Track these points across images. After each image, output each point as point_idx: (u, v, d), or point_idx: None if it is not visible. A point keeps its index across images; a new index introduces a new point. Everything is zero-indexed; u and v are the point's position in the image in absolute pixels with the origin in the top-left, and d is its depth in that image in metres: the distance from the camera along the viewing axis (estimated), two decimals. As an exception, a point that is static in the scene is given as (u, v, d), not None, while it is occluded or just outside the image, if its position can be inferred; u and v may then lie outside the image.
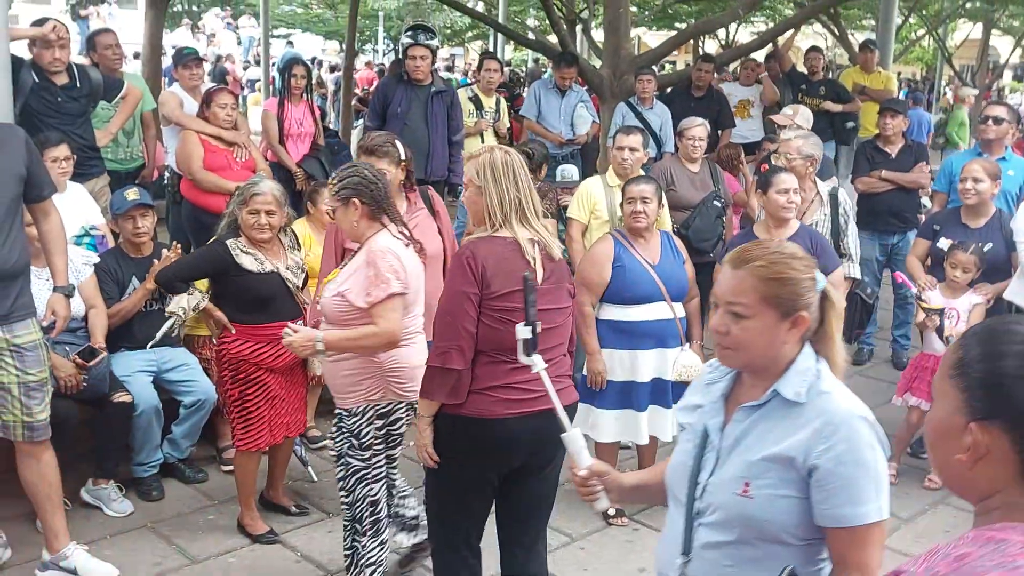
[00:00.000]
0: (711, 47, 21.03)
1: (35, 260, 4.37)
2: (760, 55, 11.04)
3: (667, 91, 9.76)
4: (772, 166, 5.36)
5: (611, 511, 4.67)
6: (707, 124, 6.65)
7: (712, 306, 2.14)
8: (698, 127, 6.40)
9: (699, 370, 4.58)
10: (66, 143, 5.34)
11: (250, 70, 24.06)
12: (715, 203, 6.17)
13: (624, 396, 4.74)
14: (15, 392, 3.88)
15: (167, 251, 4.94)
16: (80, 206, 5.43)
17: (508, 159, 3.33)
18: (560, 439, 3.63)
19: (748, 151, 8.50)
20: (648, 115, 8.44)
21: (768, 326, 2.05)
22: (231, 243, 4.41)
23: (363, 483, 3.85)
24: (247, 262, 4.39)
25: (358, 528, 3.87)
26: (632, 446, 5.03)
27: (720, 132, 9.04)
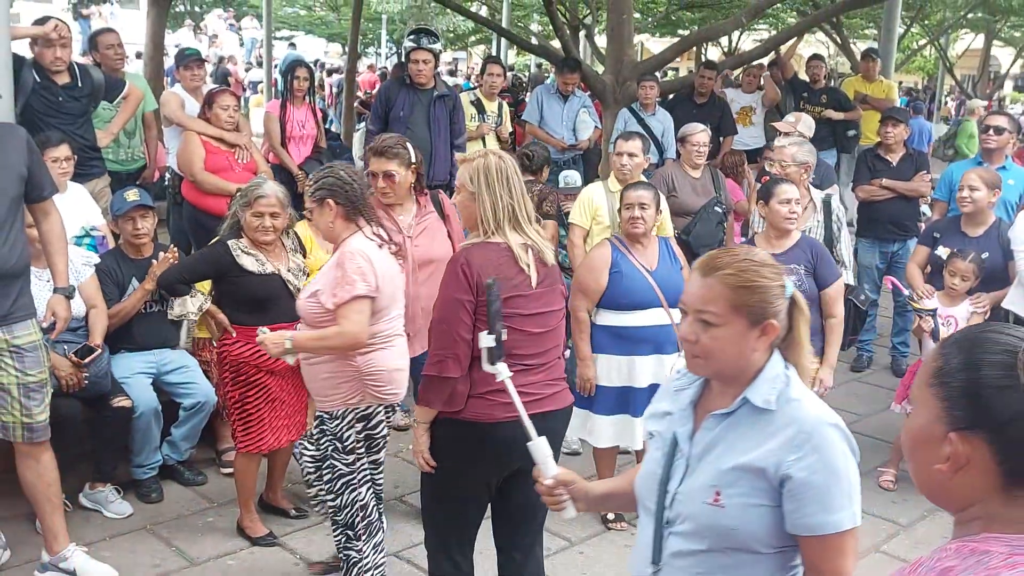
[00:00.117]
0: (714, 54, 21.03)
1: (36, 261, 4.36)
2: (763, 63, 11.06)
3: (669, 97, 9.79)
4: (772, 176, 5.36)
5: (610, 515, 4.68)
6: (708, 130, 6.66)
7: (681, 315, 2.11)
8: (700, 133, 6.41)
9: None
10: (67, 143, 5.33)
11: (252, 72, 24.06)
12: (716, 209, 6.18)
13: (621, 402, 4.74)
14: (15, 393, 3.88)
15: (163, 253, 4.93)
16: (81, 207, 5.42)
17: (502, 164, 3.32)
18: (558, 443, 3.63)
19: (750, 158, 8.53)
20: (650, 121, 8.45)
21: (738, 334, 2.03)
22: (232, 244, 4.41)
23: (350, 488, 3.82)
24: (248, 263, 4.39)
25: (350, 534, 3.84)
26: (632, 451, 5.03)
27: (722, 139, 9.06)
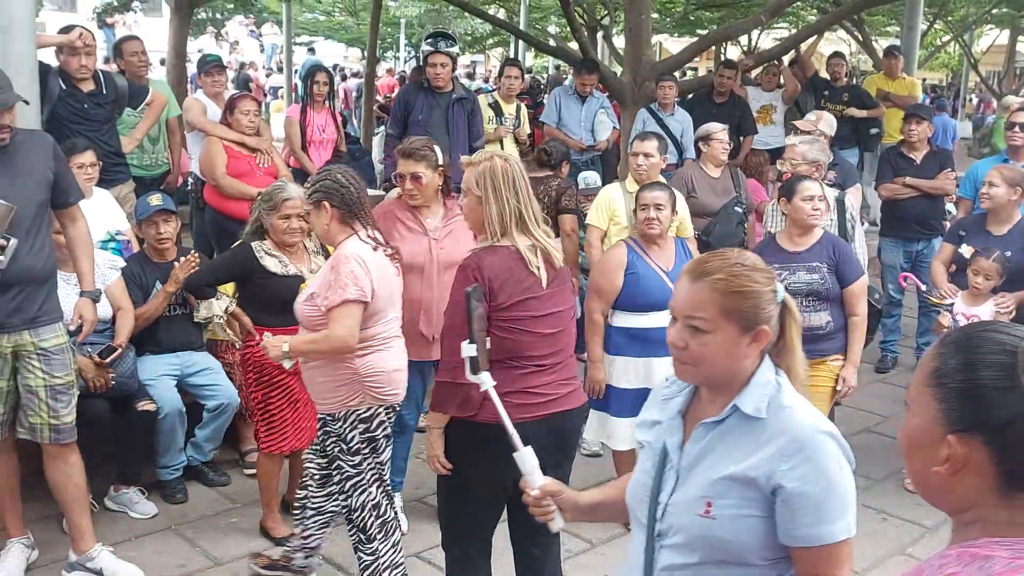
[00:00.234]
0: (733, 54, 20.96)
1: (64, 266, 4.41)
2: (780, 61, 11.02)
3: (688, 97, 9.76)
4: (794, 174, 5.33)
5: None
6: (727, 129, 6.64)
7: (671, 319, 2.06)
8: (723, 131, 6.41)
9: None
10: (92, 149, 5.39)
11: (273, 77, 24.21)
12: (736, 209, 6.17)
13: (639, 404, 4.66)
14: (42, 395, 3.92)
15: (184, 257, 4.94)
16: (106, 212, 5.48)
17: (508, 168, 3.32)
18: (574, 442, 3.59)
19: (771, 158, 8.49)
20: (669, 121, 8.44)
21: (728, 340, 1.97)
22: (256, 246, 4.46)
23: (359, 489, 3.79)
24: (271, 264, 4.43)
25: (363, 536, 3.82)
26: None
27: (742, 138, 9.03)
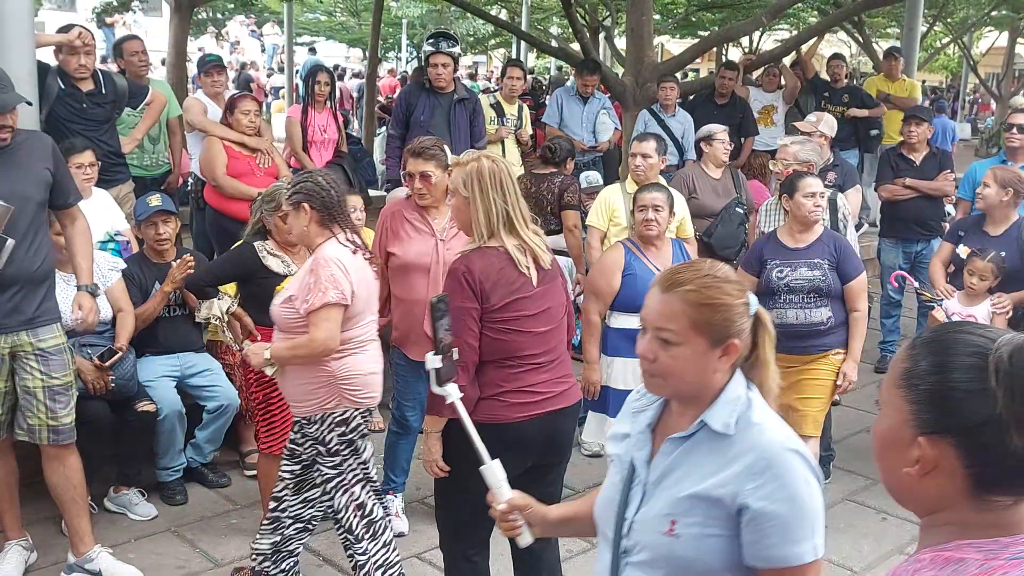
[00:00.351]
0: (734, 55, 20.97)
1: (63, 266, 4.41)
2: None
3: (690, 98, 9.76)
4: (796, 171, 5.32)
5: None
6: (728, 129, 6.65)
7: (640, 330, 2.01)
8: (723, 131, 6.42)
9: None
10: (91, 150, 5.37)
11: (274, 77, 24.22)
12: (737, 210, 6.17)
13: None
14: (40, 396, 3.92)
15: (178, 260, 4.94)
16: (105, 212, 5.47)
17: (495, 168, 3.31)
18: (569, 440, 3.59)
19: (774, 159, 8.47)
20: (670, 122, 8.44)
21: (698, 354, 1.92)
22: (259, 245, 4.46)
23: (341, 490, 3.77)
24: (274, 264, 4.44)
25: (350, 537, 3.80)
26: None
27: (743, 140, 9.03)
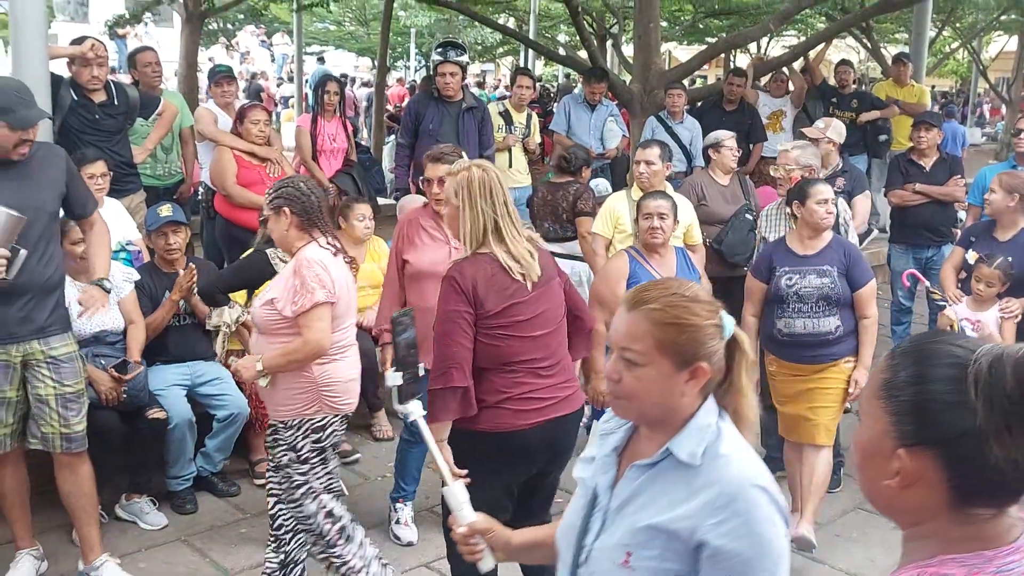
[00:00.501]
0: (742, 62, 20.95)
1: (78, 276, 4.45)
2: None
3: (698, 105, 9.77)
4: (804, 177, 5.32)
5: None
6: (736, 136, 6.65)
7: (608, 349, 1.94)
8: (731, 138, 6.42)
9: None
10: (103, 160, 5.40)
11: (283, 87, 24.29)
12: (747, 216, 6.16)
13: None
14: (52, 404, 3.94)
15: (183, 270, 4.97)
16: (116, 222, 5.47)
17: (485, 177, 3.34)
18: (572, 445, 3.58)
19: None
20: (678, 129, 8.45)
21: (663, 376, 1.83)
22: (271, 253, 4.49)
23: (310, 496, 3.79)
24: None
25: (324, 542, 3.82)
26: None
27: (752, 146, 9.03)
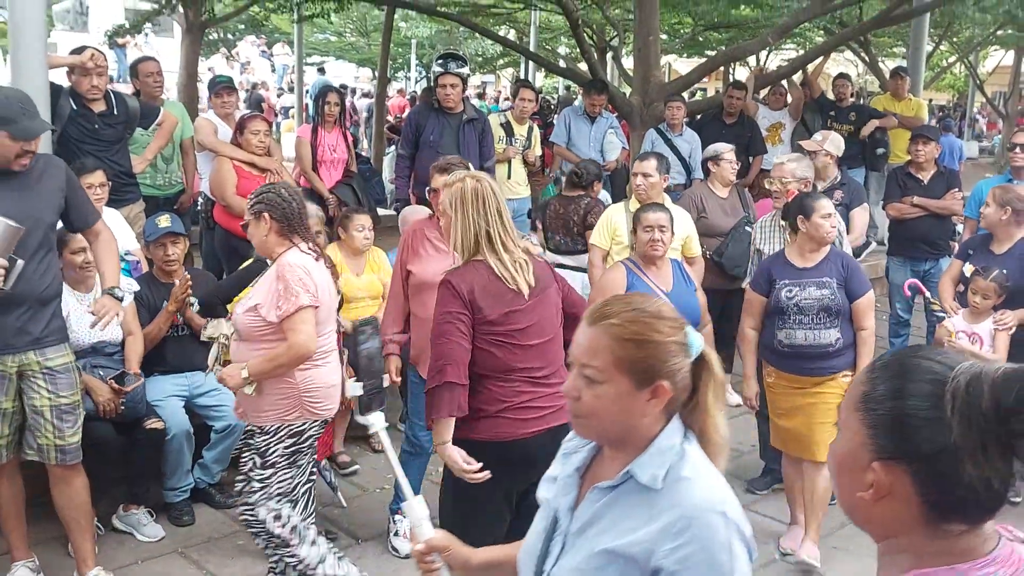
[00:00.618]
0: (742, 75, 21.02)
1: (78, 285, 4.43)
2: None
3: (698, 117, 9.79)
4: (802, 192, 5.33)
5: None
6: (735, 148, 6.67)
7: (568, 366, 1.87)
8: (730, 151, 6.44)
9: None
10: (102, 170, 5.40)
11: (284, 97, 24.33)
12: (747, 229, 6.16)
13: None
14: (47, 415, 3.92)
15: (178, 281, 4.96)
16: (115, 232, 5.44)
17: (479, 188, 3.38)
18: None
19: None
20: (677, 142, 8.46)
21: (622, 394, 1.77)
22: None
23: (263, 501, 3.82)
24: None
25: (277, 543, 3.85)
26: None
27: (751, 159, 9.04)
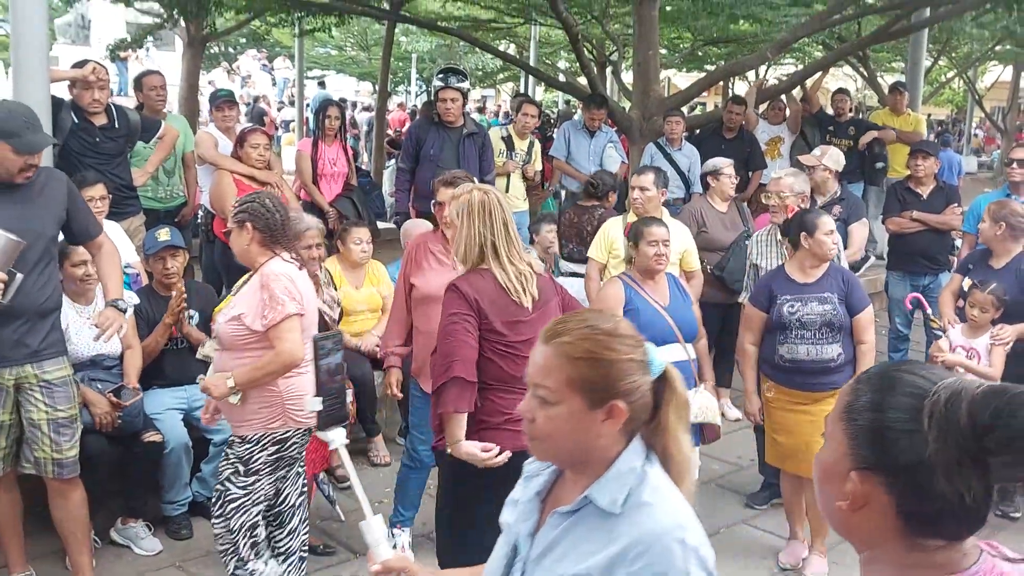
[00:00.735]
0: (741, 89, 21.07)
1: (78, 298, 4.43)
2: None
3: (697, 132, 9.81)
4: (803, 209, 5.34)
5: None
6: (734, 163, 6.69)
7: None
8: (729, 165, 6.46)
9: (715, 410, 4.64)
10: (102, 183, 5.41)
11: (284, 111, 24.38)
12: (747, 243, 6.18)
13: None
14: (44, 428, 3.91)
15: (174, 294, 4.96)
16: (115, 245, 5.49)
17: (485, 199, 3.43)
18: None
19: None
20: (676, 156, 8.48)
21: (575, 415, 1.70)
22: None
23: (241, 511, 3.84)
24: None
25: (238, 559, 3.87)
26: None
27: (751, 173, 9.05)
